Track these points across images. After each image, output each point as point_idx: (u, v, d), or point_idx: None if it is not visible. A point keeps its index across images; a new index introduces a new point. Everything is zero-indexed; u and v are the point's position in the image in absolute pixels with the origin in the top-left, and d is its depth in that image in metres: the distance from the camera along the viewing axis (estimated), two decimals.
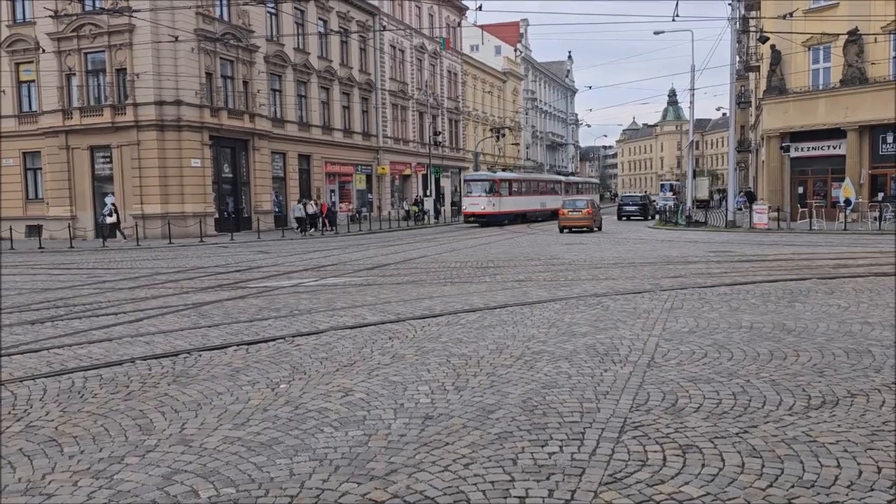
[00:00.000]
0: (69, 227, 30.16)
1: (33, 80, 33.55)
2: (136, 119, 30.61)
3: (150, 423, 5.21)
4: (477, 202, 39.05)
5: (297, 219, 34.14)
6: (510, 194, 40.81)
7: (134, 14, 28.76)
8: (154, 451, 4.61)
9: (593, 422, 4.98)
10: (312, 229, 33.85)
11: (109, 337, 8.48)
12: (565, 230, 31.35)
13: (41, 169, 34.03)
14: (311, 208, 34.44)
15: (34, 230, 31.71)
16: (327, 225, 35.16)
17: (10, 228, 29.48)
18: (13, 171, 34.79)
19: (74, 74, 31.94)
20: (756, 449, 4.41)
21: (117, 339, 8.36)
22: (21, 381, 6.44)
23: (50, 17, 31.00)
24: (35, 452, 4.66)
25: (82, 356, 7.48)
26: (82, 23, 31.25)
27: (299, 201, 35.92)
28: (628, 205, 45.74)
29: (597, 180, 75.35)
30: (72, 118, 31.73)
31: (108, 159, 31.83)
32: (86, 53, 31.71)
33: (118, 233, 29.57)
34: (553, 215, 44.51)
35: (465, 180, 41.58)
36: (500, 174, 42.57)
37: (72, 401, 5.82)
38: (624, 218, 45.06)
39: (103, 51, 31.29)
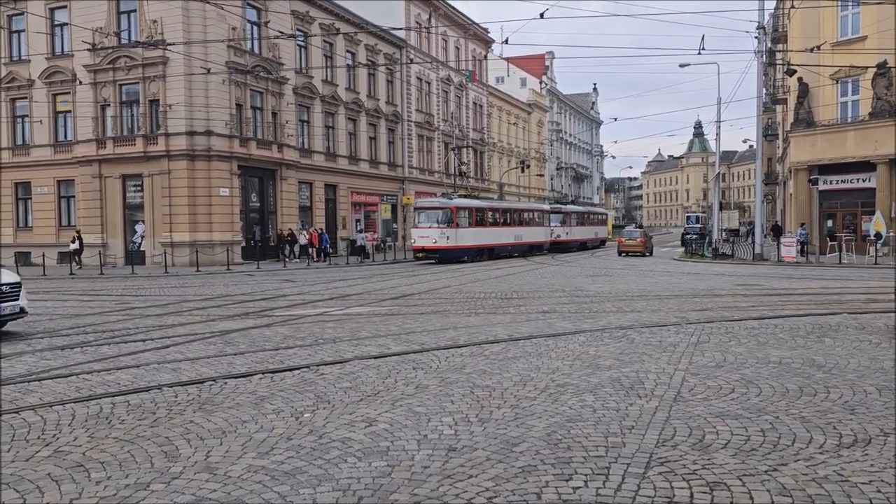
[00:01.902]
0: (100, 253, 30.68)
1: (69, 111, 34.52)
2: (167, 149, 31.25)
3: (175, 450, 5.25)
4: (427, 234, 32.40)
5: (360, 247, 34.34)
6: (470, 225, 34.56)
7: (168, 47, 29.51)
8: (179, 479, 4.65)
9: (619, 456, 4.92)
10: (307, 259, 33.66)
11: (137, 363, 8.59)
12: (623, 254, 38.54)
13: (74, 197, 34.82)
14: (304, 238, 34.51)
15: (66, 256, 32.31)
16: (316, 255, 34.30)
17: (43, 254, 30.08)
18: (47, 198, 35.64)
19: (109, 105, 32.77)
20: (786, 487, 4.33)
21: (145, 365, 8.46)
22: (51, 406, 6.53)
23: (88, 49, 31.93)
24: (63, 477, 4.71)
25: (110, 382, 7.58)
26: (118, 55, 32.15)
27: (360, 231, 36.04)
28: (689, 233, 51.50)
29: (604, 210, 71.29)
30: (105, 147, 32.50)
31: (139, 188, 32.49)
32: (120, 85, 32.56)
33: (75, 260, 30.22)
34: (532, 249, 41.50)
35: (414, 208, 35.49)
36: (458, 201, 35.23)
37: (99, 426, 5.89)
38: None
39: (137, 82, 32.11)
